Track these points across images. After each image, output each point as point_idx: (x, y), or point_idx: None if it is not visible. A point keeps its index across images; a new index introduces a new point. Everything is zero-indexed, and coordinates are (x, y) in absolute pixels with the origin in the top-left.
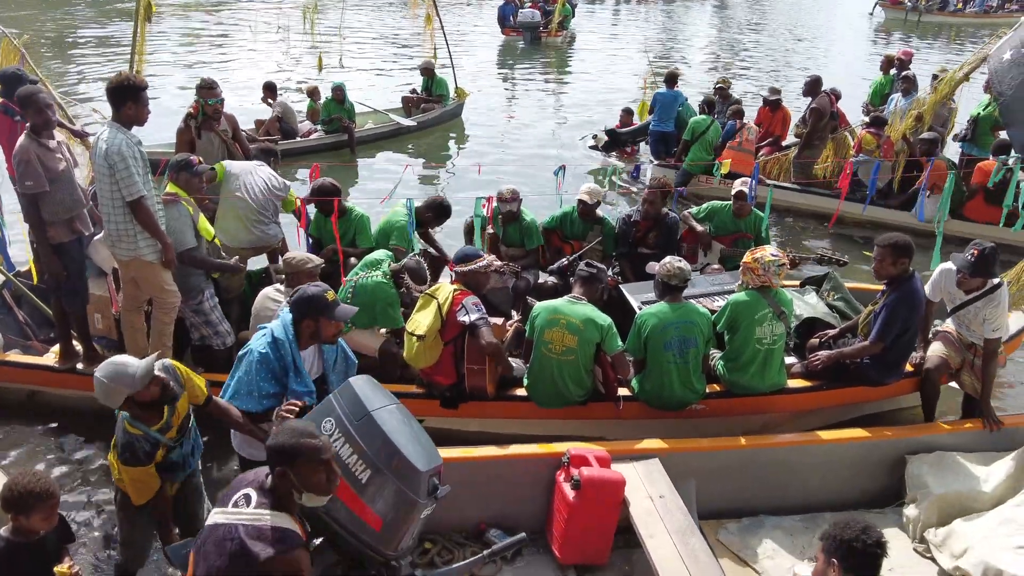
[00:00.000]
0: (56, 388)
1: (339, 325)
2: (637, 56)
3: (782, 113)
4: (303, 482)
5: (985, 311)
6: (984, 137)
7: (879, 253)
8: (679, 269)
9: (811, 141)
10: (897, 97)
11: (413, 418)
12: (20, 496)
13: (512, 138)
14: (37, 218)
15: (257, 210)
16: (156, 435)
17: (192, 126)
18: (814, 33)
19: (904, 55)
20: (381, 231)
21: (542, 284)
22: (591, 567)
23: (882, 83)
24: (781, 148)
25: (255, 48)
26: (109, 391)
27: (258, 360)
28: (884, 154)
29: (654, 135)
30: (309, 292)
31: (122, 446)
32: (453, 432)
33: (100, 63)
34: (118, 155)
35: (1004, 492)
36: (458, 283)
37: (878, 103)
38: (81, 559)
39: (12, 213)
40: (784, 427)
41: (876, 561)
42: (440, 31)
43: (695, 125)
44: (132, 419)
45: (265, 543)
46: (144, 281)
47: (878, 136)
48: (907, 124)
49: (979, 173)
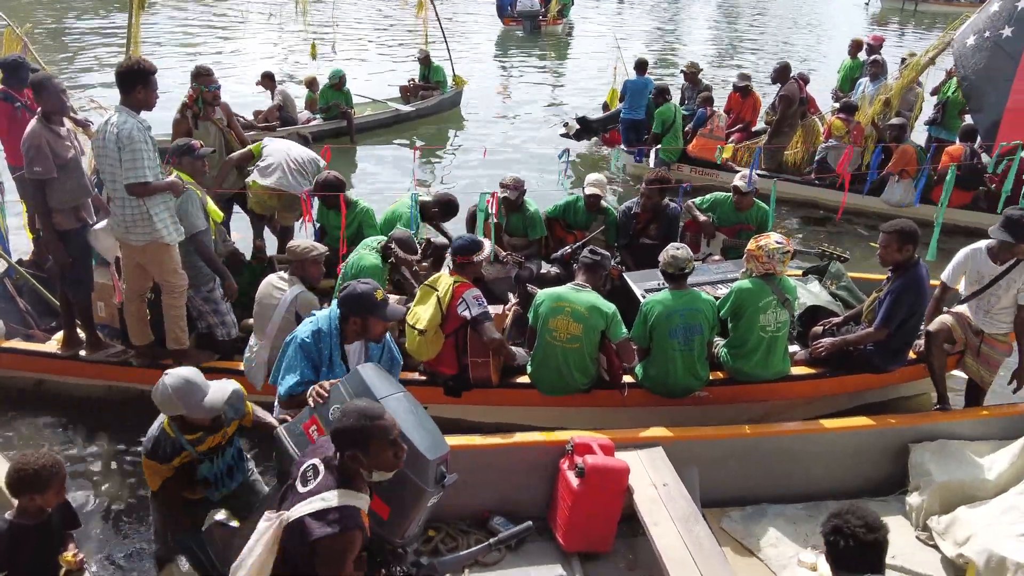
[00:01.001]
0: (61, 376)
1: (387, 324)
2: (637, 45)
3: (752, 99)
4: (373, 462)
5: (1021, 281)
6: (952, 120)
7: (884, 239)
8: (672, 258)
9: (781, 128)
10: (865, 82)
11: (420, 406)
12: (35, 474)
13: (512, 125)
14: (43, 205)
15: (299, 162)
16: (185, 443)
17: (188, 115)
18: (811, 23)
19: (874, 39)
20: (387, 221)
21: (544, 274)
22: (595, 555)
23: (851, 67)
24: (751, 134)
25: (248, 37)
26: (169, 401)
27: (299, 345)
28: (854, 140)
29: (625, 123)
30: (358, 290)
31: (150, 439)
32: (456, 420)
33: (98, 53)
34: (128, 138)
35: (1007, 480)
36: (456, 274)
37: (847, 88)
38: (85, 546)
39: (11, 202)
40: (787, 415)
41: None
42: (435, 20)
43: (662, 116)
44: (171, 422)
45: (323, 523)
46: (156, 265)
47: (848, 122)
48: (875, 109)
49: (948, 158)
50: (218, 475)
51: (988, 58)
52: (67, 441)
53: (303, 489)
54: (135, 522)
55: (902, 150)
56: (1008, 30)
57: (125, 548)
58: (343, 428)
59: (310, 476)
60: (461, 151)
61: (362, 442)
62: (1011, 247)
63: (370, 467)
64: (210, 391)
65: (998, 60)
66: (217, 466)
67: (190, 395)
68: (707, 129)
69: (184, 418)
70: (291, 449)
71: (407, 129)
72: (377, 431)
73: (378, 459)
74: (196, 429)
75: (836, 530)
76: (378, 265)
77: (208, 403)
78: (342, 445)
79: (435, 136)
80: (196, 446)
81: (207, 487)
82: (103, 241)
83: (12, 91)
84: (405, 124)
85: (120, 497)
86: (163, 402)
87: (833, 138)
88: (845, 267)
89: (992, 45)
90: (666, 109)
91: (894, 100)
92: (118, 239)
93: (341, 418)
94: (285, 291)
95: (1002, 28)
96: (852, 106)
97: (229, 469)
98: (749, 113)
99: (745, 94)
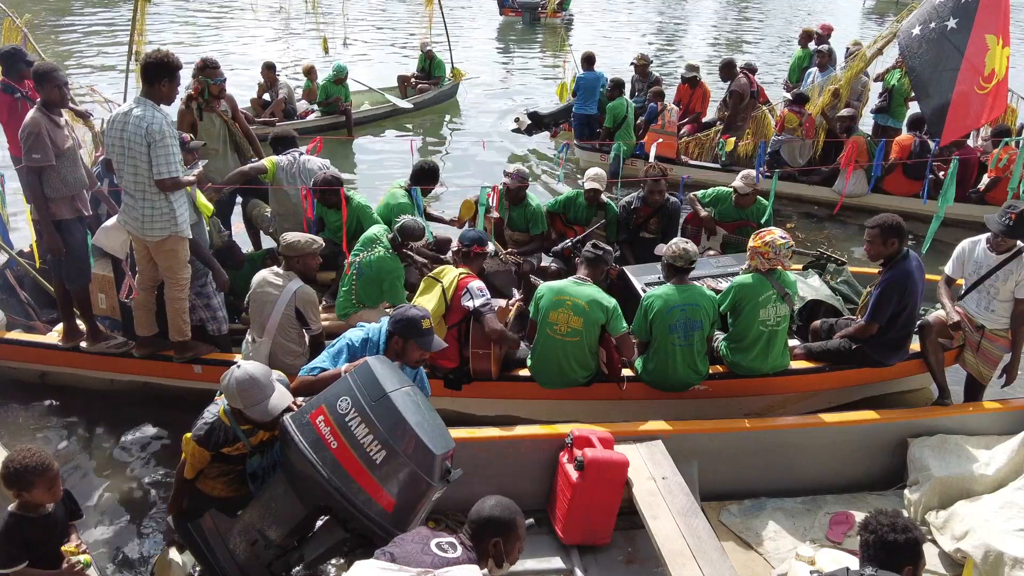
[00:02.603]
0: (62, 367)
1: (424, 353)
2: (635, 37)
3: (701, 90)
4: (509, 549)
5: (1020, 272)
6: (899, 108)
7: (868, 235)
8: (684, 251)
9: (734, 123)
10: (814, 72)
11: (426, 401)
12: (17, 472)
13: (507, 117)
14: (40, 193)
15: None
16: (240, 433)
17: (193, 107)
18: (809, 16)
19: (823, 29)
20: (381, 213)
21: (545, 268)
22: (594, 547)
23: (800, 57)
24: (702, 126)
25: (255, 30)
26: (232, 393)
27: (345, 345)
28: (806, 133)
29: (578, 118)
30: (409, 314)
31: (204, 424)
32: (457, 413)
33: (98, 44)
34: (159, 133)
35: (1006, 475)
36: (462, 266)
37: (796, 78)
38: (89, 537)
39: (13, 193)
40: (787, 409)
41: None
42: (439, 12)
43: (614, 111)
44: (230, 411)
45: None
46: (169, 258)
47: (800, 114)
48: (825, 100)
49: (898, 148)
50: (266, 469)
51: (934, 49)
52: (68, 432)
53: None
54: (138, 513)
55: (853, 141)
56: (953, 21)
57: (128, 538)
58: (495, 517)
59: (447, 547)
60: (459, 143)
61: (508, 532)
62: (1005, 242)
63: (503, 557)
64: (273, 395)
65: (944, 51)
66: (266, 459)
67: (251, 394)
68: (659, 124)
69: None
70: (297, 438)
71: (404, 120)
72: (521, 526)
73: (512, 549)
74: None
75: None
76: (399, 267)
77: (269, 407)
78: (490, 532)
79: (432, 128)
80: (249, 436)
81: (254, 481)
82: (114, 239)
83: (11, 82)
84: (403, 115)
85: (123, 488)
86: (227, 391)
87: (786, 131)
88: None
89: (938, 36)
90: (618, 104)
91: (843, 91)
92: (132, 235)
93: (492, 508)
94: (282, 286)
95: (947, 19)
96: (804, 97)
97: (272, 464)
98: (698, 104)
99: (693, 85)
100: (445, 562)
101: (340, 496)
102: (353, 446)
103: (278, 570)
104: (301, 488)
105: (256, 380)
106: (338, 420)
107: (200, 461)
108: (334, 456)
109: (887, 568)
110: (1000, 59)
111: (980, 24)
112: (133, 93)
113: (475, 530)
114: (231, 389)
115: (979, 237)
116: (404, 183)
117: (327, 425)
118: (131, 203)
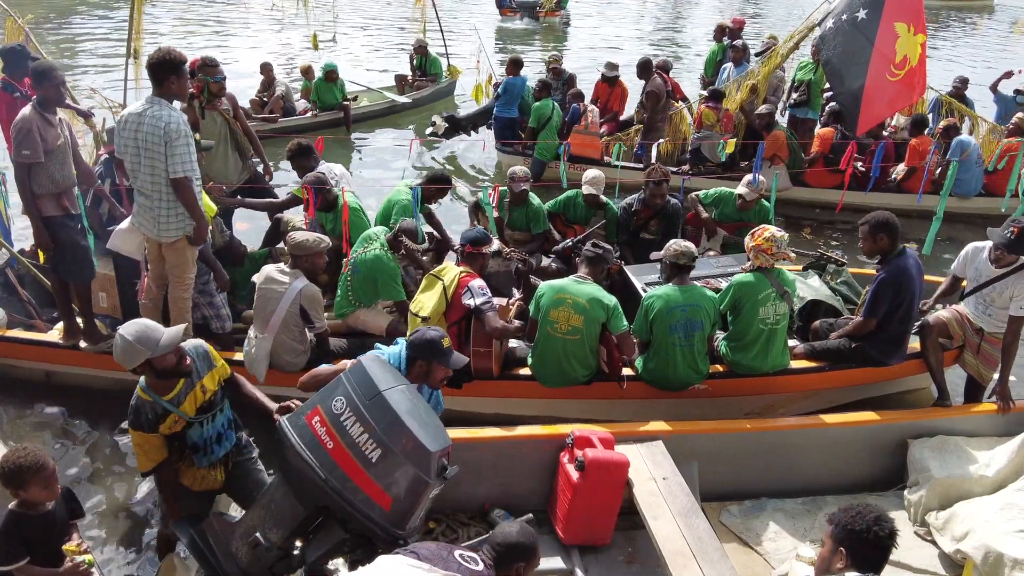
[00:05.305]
0: (63, 365)
1: (448, 372)
2: (632, 35)
3: (620, 88)
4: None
5: (1015, 287)
6: (815, 99)
7: (861, 232)
8: (685, 247)
9: (654, 124)
10: (729, 67)
11: (422, 398)
12: (12, 471)
13: None
14: (28, 189)
15: None
16: (166, 405)
17: (195, 106)
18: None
19: (735, 23)
20: (383, 211)
21: (545, 268)
22: (594, 547)
23: (714, 51)
24: (621, 125)
25: (250, 28)
26: (130, 350)
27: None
28: (724, 128)
29: (500, 121)
30: (427, 336)
31: (131, 408)
32: (457, 411)
33: (98, 44)
34: (177, 132)
35: (1006, 477)
36: (464, 264)
37: (711, 73)
38: (90, 536)
39: (15, 192)
40: (787, 409)
41: (885, 554)
42: (432, 9)
43: (539, 112)
44: (146, 386)
45: None
46: (179, 256)
47: (717, 110)
48: (743, 95)
49: (819, 141)
50: (207, 440)
51: (846, 40)
52: (69, 431)
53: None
54: (139, 512)
55: (773, 136)
56: (863, 12)
57: (129, 538)
58: (522, 544)
59: (470, 560)
60: (459, 143)
61: (532, 558)
62: (1005, 256)
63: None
64: (164, 333)
65: (855, 42)
66: (206, 430)
67: (147, 337)
68: (581, 125)
69: (154, 370)
70: (293, 439)
71: (402, 117)
72: (538, 553)
73: (530, 574)
74: (170, 386)
75: None
76: (394, 267)
77: (169, 335)
78: (516, 557)
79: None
80: (178, 406)
81: (196, 453)
82: (128, 242)
83: (11, 80)
84: (401, 112)
85: (124, 487)
86: (125, 352)
87: (704, 128)
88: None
89: (849, 28)
90: (543, 104)
91: (760, 86)
92: (147, 236)
93: (520, 534)
94: (287, 283)
95: (857, 11)
96: (719, 93)
97: (218, 436)
98: (616, 103)
99: (612, 84)
100: (471, 573)
101: (338, 496)
102: (349, 446)
103: (280, 572)
104: (299, 489)
105: (144, 325)
106: (333, 420)
107: (150, 448)
108: (330, 456)
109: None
110: (913, 46)
111: (889, 13)
112: (132, 93)
113: (500, 553)
114: (130, 346)
115: (985, 244)
116: (411, 183)
117: (323, 426)
118: (147, 204)
